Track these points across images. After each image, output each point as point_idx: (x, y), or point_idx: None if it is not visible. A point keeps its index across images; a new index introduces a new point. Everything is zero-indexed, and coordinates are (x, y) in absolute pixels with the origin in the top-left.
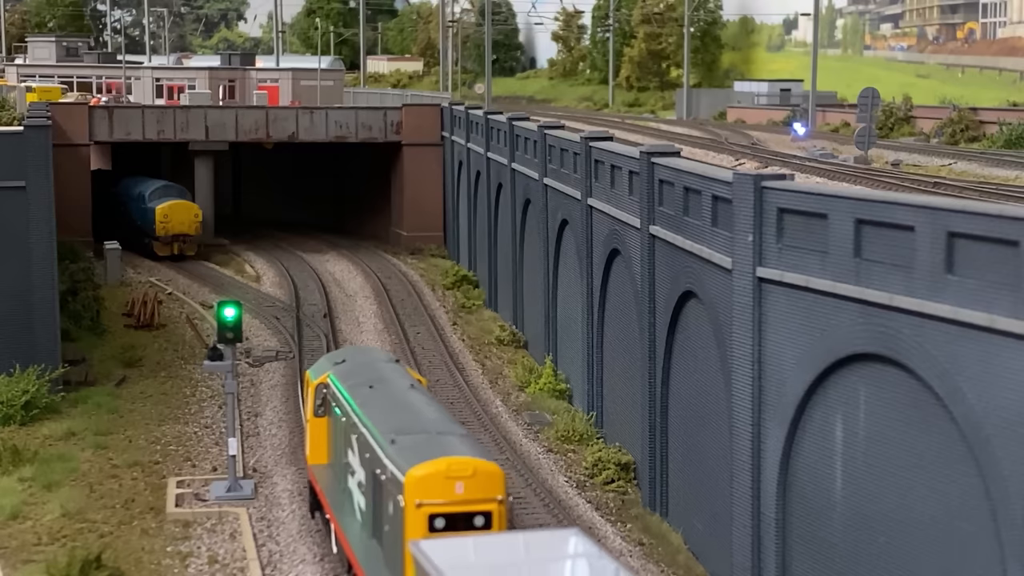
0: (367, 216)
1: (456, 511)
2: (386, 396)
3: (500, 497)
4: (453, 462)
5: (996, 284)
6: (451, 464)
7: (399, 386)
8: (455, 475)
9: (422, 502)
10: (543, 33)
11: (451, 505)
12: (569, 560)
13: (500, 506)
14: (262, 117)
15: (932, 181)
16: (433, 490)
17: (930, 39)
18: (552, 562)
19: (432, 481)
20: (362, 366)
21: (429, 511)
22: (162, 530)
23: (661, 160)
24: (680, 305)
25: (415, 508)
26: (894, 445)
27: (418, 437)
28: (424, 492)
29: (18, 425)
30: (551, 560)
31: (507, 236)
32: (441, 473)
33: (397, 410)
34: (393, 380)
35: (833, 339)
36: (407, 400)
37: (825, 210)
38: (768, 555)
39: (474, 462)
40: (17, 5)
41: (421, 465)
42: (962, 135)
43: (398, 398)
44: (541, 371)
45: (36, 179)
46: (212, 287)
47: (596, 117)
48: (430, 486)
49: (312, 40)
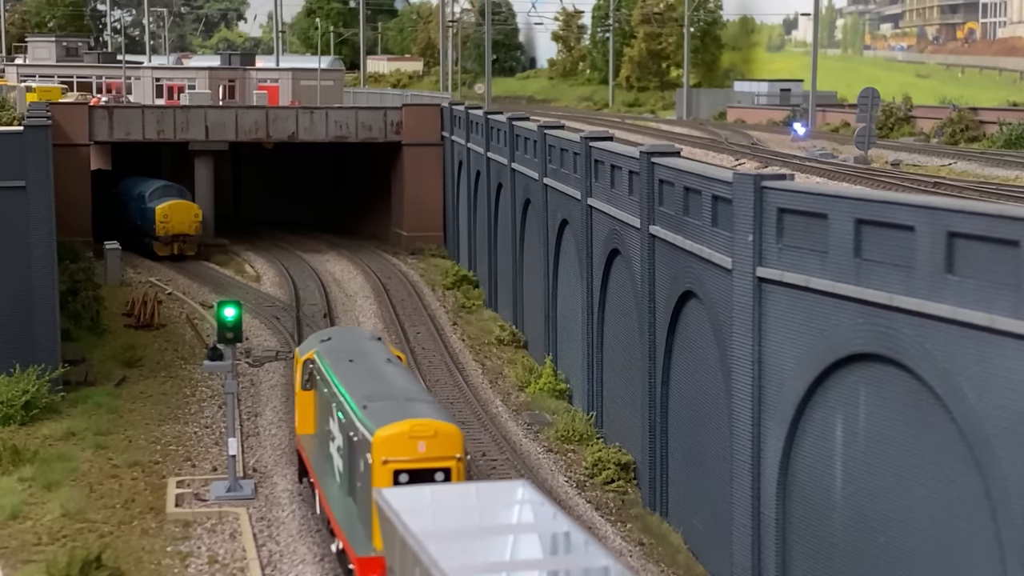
0: (367, 216)
1: (418, 467)
2: (363, 368)
3: (459, 455)
4: (416, 424)
5: (996, 284)
6: (414, 425)
7: (376, 360)
8: (418, 435)
9: (387, 459)
10: (543, 33)
11: (414, 462)
12: (516, 505)
13: (459, 463)
14: (262, 117)
15: (932, 181)
16: (398, 448)
17: (930, 39)
18: (500, 507)
19: (397, 441)
20: (345, 343)
21: (394, 467)
22: (162, 530)
23: (661, 160)
24: (680, 305)
25: (381, 465)
26: (894, 445)
27: (387, 403)
28: (389, 450)
29: (18, 425)
30: (499, 506)
31: (507, 236)
32: (405, 433)
33: (371, 380)
34: (371, 355)
35: (833, 339)
36: (382, 372)
37: (825, 210)
38: (768, 555)
39: (435, 424)
40: (17, 5)
41: (387, 426)
42: (962, 135)
43: (373, 370)
44: (541, 371)
45: (36, 179)
46: (212, 287)
47: (596, 117)
48: (395, 445)
49: (312, 40)
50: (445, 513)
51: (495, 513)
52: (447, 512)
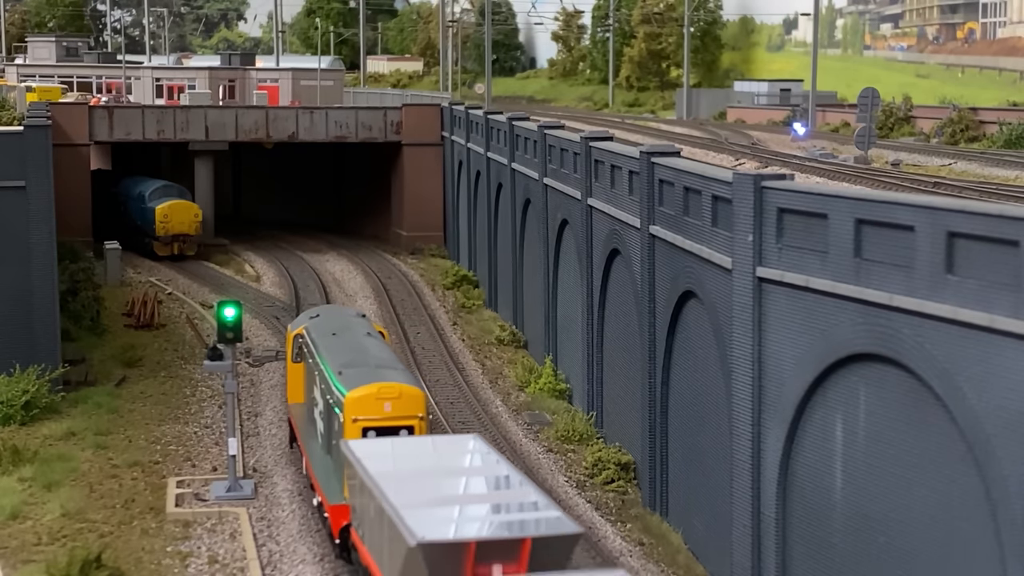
0: (367, 216)
1: (384, 425)
2: (343, 341)
3: (421, 415)
4: (383, 386)
5: (996, 284)
6: (381, 388)
7: (357, 333)
8: (384, 396)
9: (357, 418)
10: (543, 33)
11: (381, 420)
12: (468, 454)
13: (421, 422)
14: (262, 117)
15: (932, 181)
16: (366, 408)
17: (930, 39)
18: (453, 455)
19: (365, 401)
20: (331, 319)
21: (363, 424)
22: (162, 530)
23: (661, 160)
24: (680, 305)
25: (352, 423)
26: (894, 445)
27: (361, 369)
28: (359, 410)
29: (18, 425)
30: (452, 454)
31: (507, 236)
32: (373, 395)
33: (349, 351)
34: (353, 329)
35: (833, 339)
36: (360, 343)
37: (825, 210)
38: (768, 555)
39: (400, 387)
40: (17, 5)
41: (357, 389)
42: (962, 135)
43: (353, 342)
44: (541, 371)
45: (36, 179)
46: (212, 287)
47: (596, 117)
48: (364, 405)
49: (312, 40)
50: (403, 459)
51: (448, 460)
52: (405, 459)
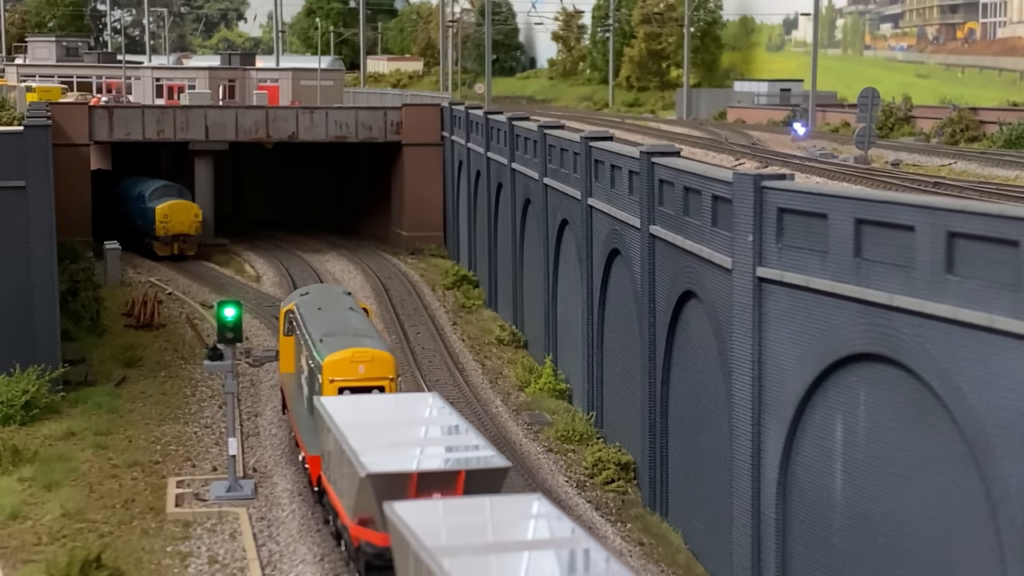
0: (367, 216)
1: (358, 385)
2: (327, 314)
3: (391, 376)
4: (357, 351)
5: (996, 284)
6: (355, 352)
7: (340, 308)
8: (358, 360)
9: (334, 379)
10: (543, 33)
11: (354, 381)
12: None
13: (391, 383)
14: (262, 117)
15: (932, 181)
16: (342, 370)
17: (930, 39)
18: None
19: (341, 364)
20: (319, 297)
21: (339, 385)
22: (162, 530)
23: (661, 160)
24: (680, 305)
25: (329, 383)
26: (894, 445)
27: (339, 337)
28: (335, 372)
29: (18, 425)
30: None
31: (507, 236)
32: (347, 359)
33: (331, 322)
34: (338, 304)
35: (833, 339)
36: (342, 316)
37: (825, 210)
38: (768, 555)
39: (372, 351)
40: (17, 5)
41: (334, 353)
42: (962, 135)
43: (336, 315)
44: (541, 371)
45: (36, 179)
46: (212, 287)
47: (596, 117)
48: (340, 367)
49: (312, 40)
50: (366, 412)
51: (405, 412)
52: (368, 412)
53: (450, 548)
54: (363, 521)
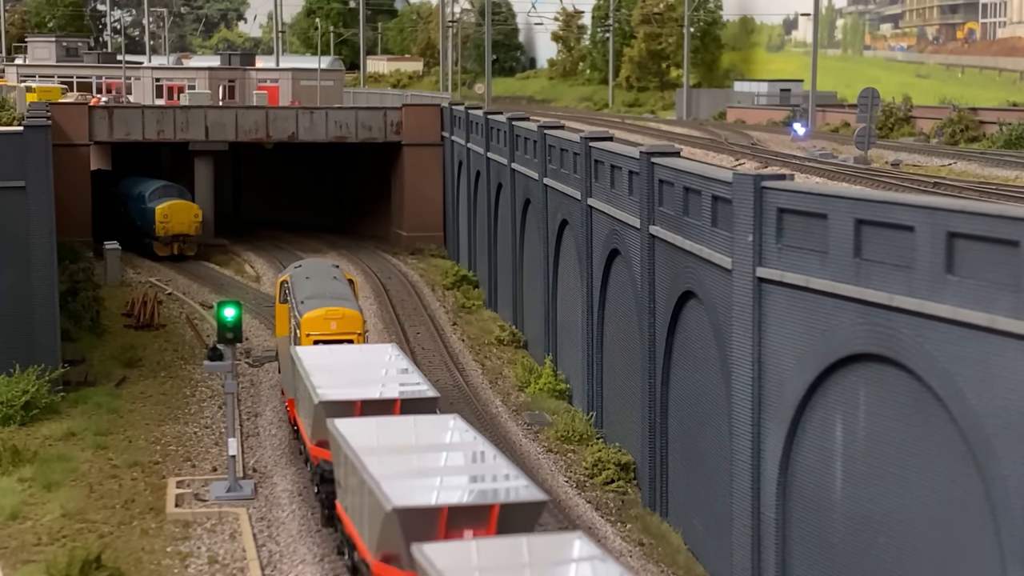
0: (367, 216)
1: (330, 338)
2: (314, 282)
3: (359, 331)
4: (330, 310)
5: (996, 284)
6: (328, 311)
7: (325, 277)
8: (331, 317)
9: (310, 333)
10: (543, 33)
11: (327, 335)
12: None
13: (359, 337)
14: (262, 117)
15: (932, 181)
16: (317, 326)
17: (930, 39)
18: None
19: (316, 321)
20: (310, 269)
21: (314, 339)
22: (162, 530)
23: (661, 160)
24: (680, 305)
25: (306, 337)
26: (894, 445)
27: (319, 299)
28: (311, 327)
29: (18, 425)
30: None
31: (507, 236)
32: (321, 316)
33: (315, 288)
34: (325, 274)
35: (833, 339)
36: (326, 284)
37: (825, 210)
38: (768, 555)
39: (343, 310)
40: (17, 5)
41: (311, 312)
42: (962, 135)
43: (321, 283)
44: (541, 371)
45: (36, 179)
46: (212, 287)
47: (596, 117)
48: (315, 324)
49: (312, 40)
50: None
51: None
52: (333, 360)
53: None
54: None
